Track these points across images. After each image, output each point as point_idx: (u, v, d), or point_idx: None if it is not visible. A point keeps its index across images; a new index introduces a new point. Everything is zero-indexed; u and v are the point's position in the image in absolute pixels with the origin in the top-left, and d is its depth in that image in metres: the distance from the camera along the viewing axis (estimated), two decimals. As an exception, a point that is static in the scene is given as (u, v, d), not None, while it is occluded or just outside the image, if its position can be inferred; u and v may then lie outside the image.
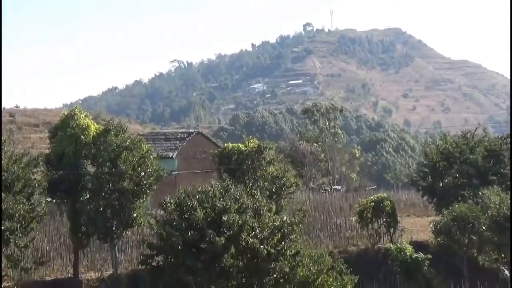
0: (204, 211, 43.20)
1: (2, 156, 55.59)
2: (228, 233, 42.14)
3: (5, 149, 55.76)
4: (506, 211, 49.93)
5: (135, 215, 56.52)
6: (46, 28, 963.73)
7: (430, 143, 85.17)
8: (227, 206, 43.12)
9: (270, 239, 43.35)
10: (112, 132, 57.46)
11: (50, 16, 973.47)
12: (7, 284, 39.36)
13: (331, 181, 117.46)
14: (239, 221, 42.54)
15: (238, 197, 44.65)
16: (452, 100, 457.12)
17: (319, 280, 45.61)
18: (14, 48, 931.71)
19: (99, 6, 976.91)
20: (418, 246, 56.25)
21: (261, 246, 42.64)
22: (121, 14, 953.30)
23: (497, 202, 50.72)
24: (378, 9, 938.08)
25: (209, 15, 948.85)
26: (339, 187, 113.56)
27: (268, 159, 65.80)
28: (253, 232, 42.77)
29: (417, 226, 65.11)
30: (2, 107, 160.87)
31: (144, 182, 57.01)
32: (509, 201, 51.84)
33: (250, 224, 43.01)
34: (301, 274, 45.17)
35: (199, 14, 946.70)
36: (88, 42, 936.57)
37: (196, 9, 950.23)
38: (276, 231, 44.05)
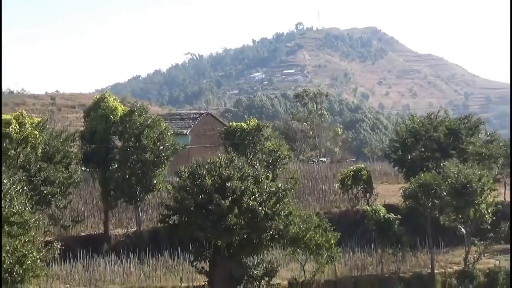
0: (212, 178, 43.33)
1: (45, 132, 55.83)
2: (232, 197, 42.20)
3: (47, 126, 56.29)
4: (463, 180, 50.04)
5: (155, 181, 57.30)
6: (82, 21, 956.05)
7: (401, 123, 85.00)
8: (231, 175, 43.27)
9: (267, 202, 43.35)
10: (136, 113, 57.96)
11: (86, 13, 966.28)
12: (49, 239, 38.91)
13: (317, 154, 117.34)
14: (241, 187, 42.71)
15: (240, 167, 44.68)
16: (419, 87, 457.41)
17: (307, 236, 46.11)
18: (54, 38, 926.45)
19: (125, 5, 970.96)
20: (390, 208, 56.13)
21: (260, 208, 42.74)
22: (144, 12, 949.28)
23: (455, 172, 50.91)
24: (357, 11, 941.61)
25: (217, 14, 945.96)
26: (324, 159, 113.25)
27: (266, 136, 66.35)
28: (253, 196, 42.86)
29: (389, 192, 64.93)
30: (45, 91, 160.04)
31: (163, 154, 57.65)
32: (467, 171, 51.75)
33: (251, 190, 43.06)
34: (293, 231, 45.55)
35: (209, 14, 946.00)
36: (115, 35, 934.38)
37: (207, 10, 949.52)
38: (272, 195, 44.02)
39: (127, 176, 56.70)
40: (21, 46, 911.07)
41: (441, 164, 54.02)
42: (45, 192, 49.30)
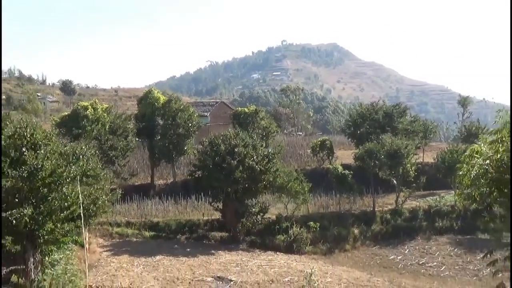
0: (224, 146, 44.26)
1: (110, 114, 56.73)
2: (238, 159, 43.18)
3: (112, 110, 58.82)
4: (394, 147, 50.24)
5: (185, 148, 58.16)
6: (136, 34, 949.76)
7: (353, 108, 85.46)
8: (237, 143, 44.15)
9: (261, 162, 44.24)
10: (173, 101, 59.31)
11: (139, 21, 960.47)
12: (113, 187, 38.87)
13: (296, 130, 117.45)
14: (244, 152, 43.68)
15: (243, 138, 45.56)
16: (365, 85, 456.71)
17: (289, 185, 46.53)
18: (117, 45, 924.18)
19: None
20: (345, 166, 56.29)
21: (256, 166, 43.67)
22: (179, 30, 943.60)
23: (389, 142, 50.91)
24: (323, 31, 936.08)
25: (229, 34, 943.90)
26: (301, 133, 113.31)
27: (261, 117, 67.52)
28: (252, 158, 43.86)
29: (345, 155, 64.83)
30: (110, 86, 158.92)
31: (191, 129, 58.71)
32: (397, 141, 51.80)
33: (251, 154, 43.90)
34: (279, 181, 46.04)
35: (223, 33, 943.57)
36: (159, 46, 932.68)
37: (222, 30, 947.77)
38: (265, 157, 44.86)
39: (166, 144, 57.66)
40: (97, 51, 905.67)
41: (380, 137, 53.99)
42: (110, 155, 51.38)
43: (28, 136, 29.31)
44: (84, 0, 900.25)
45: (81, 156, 32.65)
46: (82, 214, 25.72)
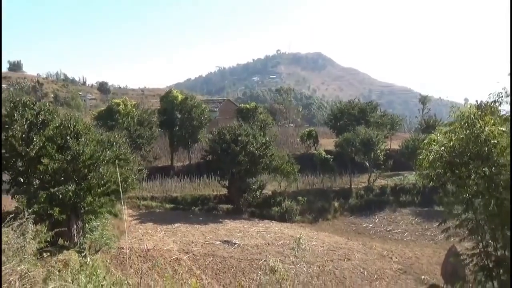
0: (230, 135, 44.06)
1: (138, 109, 56.76)
2: (241, 145, 42.81)
3: (139, 106, 58.78)
4: (367, 136, 50.05)
5: (198, 137, 57.82)
6: (158, 47, 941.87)
7: (334, 105, 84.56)
8: (241, 133, 44.05)
9: (260, 148, 43.80)
10: (188, 99, 59.00)
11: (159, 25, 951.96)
12: (140, 168, 38.79)
13: (288, 122, 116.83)
14: (246, 140, 43.39)
15: (246, 129, 45.47)
16: (344, 86, 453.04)
17: (282, 166, 46.49)
18: (140, 52, 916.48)
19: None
20: (327, 152, 56.07)
21: (256, 151, 43.37)
22: (194, 41, 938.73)
23: (363, 132, 50.64)
24: (311, 42, 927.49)
25: (234, 44, 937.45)
26: (292, 125, 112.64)
27: (259, 112, 67.10)
28: (253, 145, 43.54)
29: (327, 143, 64.50)
30: (138, 87, 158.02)
31: (203, 122, 58.70)
32: (370, 132, 51.64)
33: (251, 141, 43.64)
34: (274, 164, 45.77)
35: (229, 43, 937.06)
36: (178, 54, 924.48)
37: (228, 41, 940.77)
38: (263, 145, 44.65)
39: (183, 134, 57.52)
40: (127, 58, 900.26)
41: (356, 128, 53.77)
42: (138, 142, 50.96)
43: (72, 127, 29.35)
44: (116, 18, 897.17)
45: (114, 143, 32.70)
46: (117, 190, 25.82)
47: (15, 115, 29.17)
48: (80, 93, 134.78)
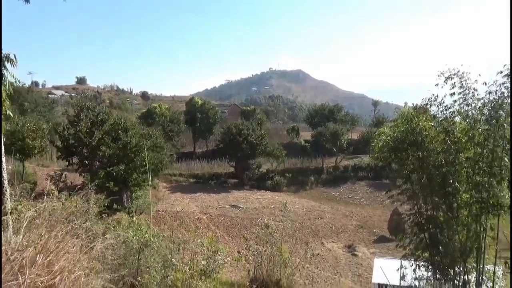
0: (235, 129, 43.59)
1: (169, 110, 56.15)
2: (243, 137, 42.46)
3: (170, 109, 57.54)
4: (335, 130, 49.78)
5: (213, 130, 57.01)
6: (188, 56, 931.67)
7: (310, 108, 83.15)
8: (243, 128, 43.48)
9: (257, 139, 43.40)
10: (206, 104, 58.73)
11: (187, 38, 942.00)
12: (171, 153, 38.69)
13: (277, 120, 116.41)
14: (247, 133, 42.93)
15: (247, 125, 44.70)
16: (318, 93, 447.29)
17: (273, 152, 46.33)
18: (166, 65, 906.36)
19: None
20: (306, 141, 56.05)
21: (255, 141, 42.92)
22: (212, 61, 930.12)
23: (332, 127, 50.53)
24: (293, 62, 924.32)
25: (238, 62, 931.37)
26: (280, 122, 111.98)
27: (257, 113, 67.19)
28: (252, 136, 43.15)
29: (306, 135, 63.91)
30: (169, 94, 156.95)
31: (216, 120, 58.48)
32: (337, 126, 51.20)
33: (251, 134, 43.12)
34: (268, 149, 45.66)
35: (235, 61, 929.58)
36: (199, 68, 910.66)
37: (235, 59, 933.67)
38: (260, 136, 44.20)
39: (202, 129, 57.01)
40: (162, 72, 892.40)
41: (326, 124, 53.48)
42: (170, 134, 50.14)
43: (122, 124, 29.26)
44: (155, 46, 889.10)
45: (152, 135, 32.61)
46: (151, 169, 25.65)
47: (81, 115, 29.14)
48: (128, 99, 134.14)
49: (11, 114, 5.03)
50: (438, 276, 8.69)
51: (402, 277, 9.34)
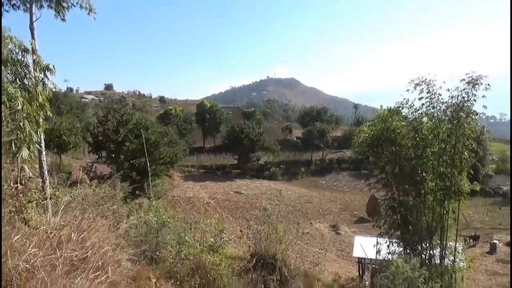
0: (238, 128, 43.16)
1: (182, 112, 55.48)
2: (245, 134, 42.01)
3: (184, 111, 56.65)
4: (322, 128, 49.57)
5: (220, 129, 55.39)
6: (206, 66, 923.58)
7: (301, 110, 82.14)
8: (245, 127, 43.03)
9: (257, 136, 43.04)
10: (213, 107, 57.90)
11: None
12: (185, 148, 38.48)
13: (274, 120, 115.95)
14: (248, 131, 42.45)
15: (249, 124, 44.37)
16: (308, 97, 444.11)
17: (270, 146, 45.71)
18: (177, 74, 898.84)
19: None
20: (298, 138, 55.69)
21: (254, 138, 42.66)
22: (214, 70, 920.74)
23: (319, 126, 50.27)
24: (287, 71, 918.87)
25: (241, 71, 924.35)
26: (276, 122, 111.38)
27: (256, 114, 65.43)
28: (252, 134, 42.63)
29: (298, 133, 63.50)
30: (182, 98, 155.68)
31: (222, 120, 57.01)
32: (324, 126, 50.97)
33: (251, 132, 42.75)
34: (266, 145, 45.13)
35: (237, 70, 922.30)
36: (207, 75, 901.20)
37: (237, 68, 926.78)
38: (259, 134, 43.83)
39: (210, 127, 56.18)
40: (177, 79, 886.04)
41: (314, 123, 53.15)
42: (183, 132, 49.72)
43: (143, 123, 29.17)
44: (171, 56, 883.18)
45: (168, 133, 32.53)
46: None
47: (109, 116, 29.06)
48: (148, 102, 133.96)
49: (50, 115, 5.04)
50: (408, 251, 8.79)
51: (378, 252, 9.42)
